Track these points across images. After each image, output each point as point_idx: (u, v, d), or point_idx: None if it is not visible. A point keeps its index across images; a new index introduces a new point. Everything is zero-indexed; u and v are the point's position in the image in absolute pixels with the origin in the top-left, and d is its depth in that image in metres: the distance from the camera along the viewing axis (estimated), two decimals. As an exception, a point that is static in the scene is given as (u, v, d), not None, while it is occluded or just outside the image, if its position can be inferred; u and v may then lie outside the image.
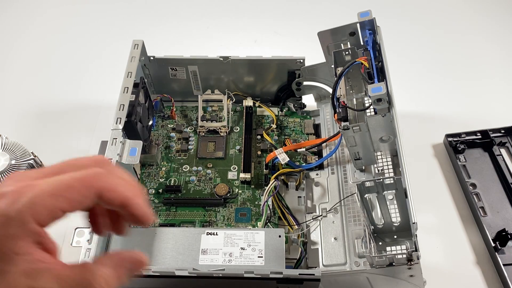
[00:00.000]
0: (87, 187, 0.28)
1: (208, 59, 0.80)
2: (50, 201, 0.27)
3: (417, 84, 0.98)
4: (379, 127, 0.65)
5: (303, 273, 0.55)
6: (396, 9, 1.13)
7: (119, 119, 0.67)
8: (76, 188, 0.28)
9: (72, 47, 1.06)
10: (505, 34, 1.08)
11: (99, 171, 0.29)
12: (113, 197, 0.29)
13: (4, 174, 0.75)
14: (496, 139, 0.83)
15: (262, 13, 1.14)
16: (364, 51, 0.67)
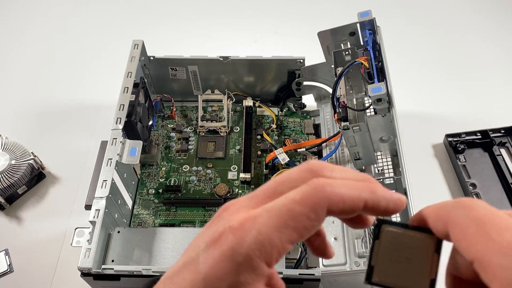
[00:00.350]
0: (314, 209, 0.23)
1: (208, 59, 0.80)
2: (278, 236, 0.23)
3: (417, 84, 0.98)
4: (379, 127, 0.65)
5: (303, 273, 0.55)
6: (396, 9, 1.13)
7: (119, 119, 0.67)
8: (302, 213, 0.23)
9: (72, 47, 1.06)
10: (505, 34, 1.08)
11: (319, 182, 0.24)
12: (348, 207, 0.24)
13: (4, 174, 0.75)
14: (496, 139, 0.83)
15: (262, 13, 1.14)
16: (364, 51, 0.67)
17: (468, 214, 0.22)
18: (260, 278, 0.23)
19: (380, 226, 0.25)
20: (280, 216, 0.23)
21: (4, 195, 0.76)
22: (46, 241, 0.75)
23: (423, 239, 0.25)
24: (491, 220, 0.21)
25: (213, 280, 0.23)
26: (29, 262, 0.73)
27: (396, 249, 0.25)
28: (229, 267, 0.23)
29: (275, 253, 0.23)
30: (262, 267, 0.23)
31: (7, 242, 0.74)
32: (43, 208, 0.79)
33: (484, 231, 0.20)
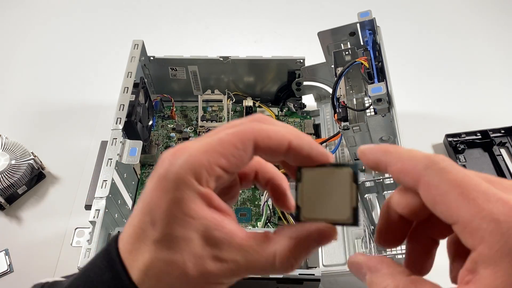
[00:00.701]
0: (241, 139, 0.26)
1: (208, 59, 0.80)
2: (205, 157, 0.25)
3: (417, 84, 0.98)
4: (379, 127, 0.65)
5: (303, 273, 0.55)
6: (396, 9, 1.13)
7: (119, 119, 0.67)
8: (230, 142, 0.26)
9: (72, 47, 1.06)
10: (505, 34, 1.08)
11: (253, 123, 0.27)
12: (273, 144, 0.26)
13: (4, 174, 0.75)
14: (496, 139, 0.83)
15: (262, 13, 1.14)
16: (364, 51, 0.67)
17: (445, 177, 0.22)
18: (195, 194, 0.25)
19: (300, 169, 0.27)
20: (210, 144, 0.26)
21: (4, 195, 0.76)
22: (46, 241, 0.75)
23: (340, 173, 0.27)
24: (474, 186, 0.22)
25: (154, 200, 0.25)
26: (29, 262, 0.72)
27: (318, 186, 0.27)
28: (164, 186, 0.25)
29: (204, 172, 0.25)
30: (193, 184, 0.25)
31: (7, 242, 0.74)
32: (43, 208, 0.79)
33: (468, 197, 0.22)
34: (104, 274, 0.26)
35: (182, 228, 0.25)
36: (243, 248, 0.26)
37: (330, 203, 0.26)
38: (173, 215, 0.25)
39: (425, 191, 0.23)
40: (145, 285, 0.26)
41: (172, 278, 0.25)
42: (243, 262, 0.26)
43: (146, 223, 0.26)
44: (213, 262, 0.25)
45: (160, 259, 0.25)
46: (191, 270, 0.25)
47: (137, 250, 0.26)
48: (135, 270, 0.26)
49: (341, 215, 0.26)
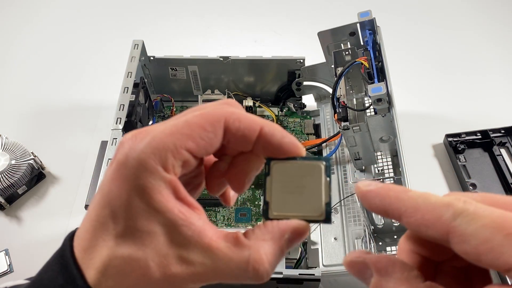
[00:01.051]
0: (210, 121, 0.24)
1: (208, 59, 0.80)
2: (171, 140, 0.23)
3: (417, 84, 0.98)
4: (379, 127, 0.65)
5: (303, 273, 0.55)
6: (396, 9, 1.13)
7: (119, 119, 0.67)
8: (197, 124, 0.23)
9: (72, 47, 1.06)
10: (505, 34, 1.08)
11: (222, 106, 0.25)
12: (243, 127, 0.24)
13: (4, 174, 0.75)
14: (496, 139, 0.83)
15: (262, 13, 1.14)
16: (364, 51, 0.67)
17: (482, 223, 0.20)
18: (160, 182, 0.22)
19: (269, 162, 0.25)
20: (176, 125, 0.23)
21: (4, 195, 0.76)
22: (46, 241, 0.75)
23: (312, 166, 0.25)
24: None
25: (113, 190, 0.23)
26: (29, 262, 0.72)
27: (288, 180, 0.25)
28: (124, 173, 0.22)
29: (170, 156, 0.22)
30: (158, 170, 0.22)
31: (7, 242, 0.74)
32: (43, 208, 0.79)
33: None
34: (57, 278, 0.23)
35: (146, 222, 0.22)
36: (211, 250, 0.23)
37: (301, 199, 0.25)
38: (136, 206, 0.22)
39: (461, 243, 0.20)
40: (102, 286, 0.23)
41: (132, 279, 0.22)
42: (211, 267, 0.23)
43: (105, 216, 0.23)
44: (178, 263, 0.23)
45: (119, 256, 0.22)
46: (153, 270, 0.22)
47: (94, 247, 0.23)
48: (91, 270, 0.23)
49: (313, 211, 0.25)
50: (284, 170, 0.25)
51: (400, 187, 0.23)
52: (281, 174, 0.25)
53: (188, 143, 0.23)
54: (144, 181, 0.22)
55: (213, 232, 0.23)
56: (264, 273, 0.23)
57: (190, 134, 0.23)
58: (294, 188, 0.25)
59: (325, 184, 0.25)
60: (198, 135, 0.23)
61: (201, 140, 0.23)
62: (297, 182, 0.25)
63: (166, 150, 0.22)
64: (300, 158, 0.25)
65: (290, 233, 0.24)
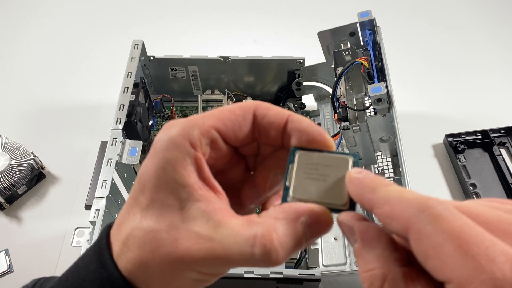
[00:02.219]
0: (241, 107, 0.25)
1: (208, 59, 0.80)
2: (202, 120, 0.24)
3: (417, 84, 0.98)
4: (379, 127, 0.65)
5: (303, 273, 0.55)
6: (396, 9, 1.13)
7: (119, 119, 0.66)
8: (229, 108, 0.25)
9: (72, 47, 1.06)
10: (505, 34, 1.08)
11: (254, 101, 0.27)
12: (271, 114, 0.25)
13: (4, 174, 0.75)
14: (496, 139, 0.83)
15: (262, 13, 1.14)
16: (364, 51, 0.67)
17: (441, 225, 0.18)
18: (185, 157, 0.23)
19: (294, 151, 0.24)
20: (210, 112, 0.25)
21: (4, 195, 0.76)
22: (46, 241, 0.75)
23: (339, 158, 0.24)
24: (475, 239, 0.18)
25: (145, 165, 0.24)
26: (29, 262, 0.72)
27: (312, 168, 0.24)
28: (155, 149, 0.24)
29: (197, 133, 0.23)
30: (185, 145, 0.23)
31: (7, 242, 0.74)
32: (43, 208, 0.79)
33: (467, 253, 0.18)
34: (92, 262, 0.24)
35: (167, 193, 0.23)
36: (221, 224, 0.22)
37: (324, 186, 0.23)
38: (160, 177, 0.23)
39: (415, 241, 0.19)
40: (123, 258, 0.24)
41: (147, 250, 0.23)
42: (218, 242, 0.22)
43: (137, 191, 0.24)
44: (188, 238, 0.22)
45: (140, 227, 0.23)
46: (166, 242, 0.23)
47: (124, 222, 0.24)
48: (117, 243, 0.24)
49: (337, 199, 0.23)
50: (309, 159, 0.24)
51: (384, 181, 0.22)
52: (305, 162, 0.24)
53: (217, 123, 0.24)
54: (170, 154, 0.23)
55: (229, 212, 0.23)
56: (273, 251, 0.21)
57: (220, 116, 0.24)
58: (317, 175, 0.24)
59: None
60: (227, 117, 0.24)
61: (230, 122, 0.24)
62: (321, 171, 0.24)
63: (194, 126, 0.24)
64: (328, 152, 0.24)
65: (308, 217, 0.23)
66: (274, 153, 0.26)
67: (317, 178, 0.24)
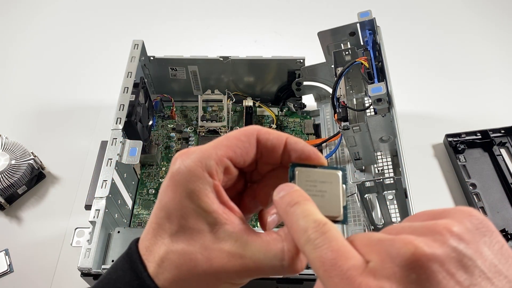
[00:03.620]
0: (245, 133, 0.28)
1: (208, 59, 0.80)
2: (214, 151, 0.27)
3: (417, 84, 0.98)
4: (379, 127, 0.65)
5: (303, 273, 0.55)
6: (396, 9, 1.13)
7: (119, 119, 0.66)
8: (235, 136, 0.28)
9: (72, 47, 1.06)
10: (505, 34, 1.08)
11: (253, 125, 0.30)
12: (272, 138, 0.29)
13: (4, 174, 0.75)
14: (496, 139, 0.83)
15: (262, 13, 1.13)
16: (364, 51, 0.67)
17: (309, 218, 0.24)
18: (206, 186, 0.27)
19: (293, 168, 0.29)
20: (218, 140, 0.28)
21: (4, 195, 0.76)
22: (46, 241, 0.75)
23: (331, 174, 0.29)
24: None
25: (168, 195, 0.27)
26: (29, 262, 0.72)
27: (311, 185, 0.29)
28: (177, 180, 0.27)
29: (213, 164, 0.27)
30: (204, 176, 0.27)
31: (7, 242, 0.74)
32: (43, 208, 0.79)
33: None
34: (125, 275, 0.27)
35: (195, 220, 0.26)
36: (250, 243, 0.26)
37: (323, 201, 0.28)
38: (186, 207, 0.26)
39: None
40: (160, 278, 0.27)
41: (184, 270, 0.26)
42: (252, 258, 0.26)
43: (162, 218, 0.27)
44: (221, 256, 0.26)
45: (174, 251, 0.26)
46: (201, 263, 0.26)
47: (153, 246, 0.27)
48: (152, 264, 0.27)
49: (334, 212, 0.28)
50: (307, 176, 0.29)
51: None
52: (305, 180, 0.29)
53: (228, 152, 0.28)
54: (193, 185, 0.26)
55: (253, 230, 0.27)
56: (299, 262, 0.26)
57: (228, 144, 0.28)
58: (316, 191, 0.28)
59: (342, 190, 0.29)
60: (235, 145, 0.28)
61: (238, 149, 0.28)
62: (319, 187, 0.29)
63: (210, 158, 0.27)
64: (320, 166, 0.29)
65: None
66: (274, 172, 0.31)
67: (316, 194, 0.28)
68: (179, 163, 0.27)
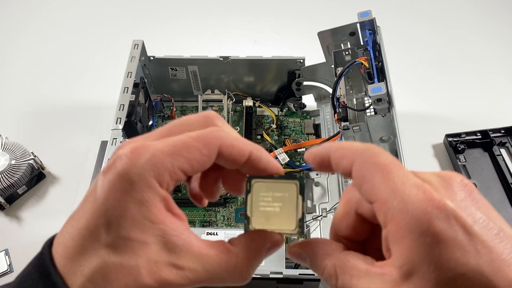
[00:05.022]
0: (206, 145, 0.25)
1: (208, 59, 0.80)
2: (170, 161, 0.24)
3: (417, 84, 0.98)
4: (379, 127, 0.65)
5: (303, 273, 0.55)
6: (396, 9, 1.13)
7: (119, 119, 0.67)
8: (195, 147, 0.25)
9: (72, 47, 1.06)
10: (505, 33, 1.08)
11: (215, 128, 0.27)
12: (235, 152, 0.26)
13: (4, 174, 0.75)
14: (496, 139, 0.83)
15: (262, 13, 1.14)
16: (364, 51, 0.67)
17: (375, 159, 0.24)
18: (157, 197, 0.24)
19: (250, 180, 0.28)
20: (175, 146, 0.25)
21: (4, 195, 0.76)
22: (46, 241, 0.75)
23: (287, 185, 0.28)
24: (397, 171, 0.23)
25: (111, 202, 0.24)
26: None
27: (267, 197, 0.28)
28: (125, 187, 0.24)
29: (167, 176, 0.24)
30: (156, 187, 0.24)
31: (7, 242, 0.74)
32: (43, 208, 0.79)
33: (389, 179, 0.23)
34: (37, 286, 0.24)
35: (140, 232, 0.24)
36: (201, 257, 0.25)
37: (278, 214, 0.28)
38: (132, 217, 0.24)
39: (356, 171, 0.25)
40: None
41: (121, 284, 0.24)
42: (202, 272, 0.25)
43: (98, 225, 0.24)
44: (170, 269, 0.24)
45: (110, 264, 0.24)
46: (145, 277, 0.24)
47: (82, 255, 0.24)
48: (78, 278, 0.24)
49: (288, 226, 0.28)
50: (264, 188, 0.28)
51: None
52: (260, 191, 0.28)
53: (184, 165, 0.25)
54: (143, 195, 0.24)
55: (199, 240, 0.26)
56: (248, 276, 0.27)
57: (187, 156, 0.25)
58: (272, 205, 0.28)
59: (299, 201, 0.28)
60: (194, 158, 0.25)
61: (196, 163, 0.25)
62: (274, 200, 0.28)
63: (164, 169, 0.24)
64: (278, 176, 0.28)
65: (270, 244, 0.28)
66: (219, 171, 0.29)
67: (271, 207, 0.28)
68: (127, 164, 0.24)
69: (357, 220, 0.28)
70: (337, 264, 0.26)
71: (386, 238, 0.23)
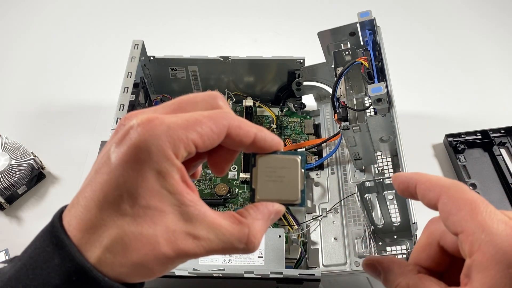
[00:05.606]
0: (218, 125, 0.27)
1: (208, 59, 0.80)
2: (185, 134, 0.25)
3: (417, 84, 0.98)
4: (379, 127, 0.65)
5: (303, 273, 0.55)
6: (396, 9, 1.13)
7: (119, 119, 0.67)
8: (207, 125, 0.26)
9: (72, 47, 1.06)
10: (505, 34, 1.08)
11: (225, 110, 0.28)
12: (242, 133, 0.28)
13: (4, 174, 0.75)
14: (496, 139, 0.83)
15: (262, 13, 1.14)
16: (364, 51, 0.67)
17: (463, 195, 0.26)
18: (174, 168, 0.25)
19: (255, 156, 0.30)
20: (188, 120, 0.26)
21: (4, 195, 0.76)
22: (46, 241, 0.75)
23: (290, 159, 0.31)
24: (484, 207, 0.26)
25: (129, 173, 0.24)
26: (29, 262, 0.72)
27: (271, 171, 0.30)
28: (142, 157, 0.24)
29: (182, 148, 0.25)
30: (173, 158, 0.25)
31: (7, 242, 0.74)
32: (43, 208, 0.79)
33: (477, 212, 0.25)
34: (53, 259, 0.25)
35: (159, 201, 0.25)
36: (216, 227, 0.26)
37: (281, 186, 0.30)
38: (151, 187, 0.25)
39: (443, 204, 0.27)
40: (108, 264, 0.24)
41: (141, 254, 0.24)
42: (216, 241, 0.26)
43: (117, 196, 0.24)
44: (187, 239, 0.25)
45: (129, 233, 0.24)
46: (163, 245, 0.25)
47: (100, 227, 0.25)
48: (97, 248, 0.24)
49: (291, 196, 0.30)
50: (267, 161, 0.30)
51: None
52: (265, 165, 0.30)
53: (198, 140, 0.26)
54: (161, 166, 0.25)
55: (213, 212, 0.27)
56: (258, 245, 0.28)
57: (200, 132, 0.26)
58: (275, 177, 0.30)
59: (300, 175, 0.31)
60: (206, 135, 0.26)
61: (207, 139, 0.26)
62: (278, 173, 0.30)
63: (179, 141, 0.25)
64: (281, 152, 0.31)
65: (274, 215, 0.30)
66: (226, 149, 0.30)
67: (275, 179, 0.30)
68: (143, 135, 0.24)
69: (438, 251, 0.30)
70: (411, 283, 0.28)
71: (469, 267, 0.25)
